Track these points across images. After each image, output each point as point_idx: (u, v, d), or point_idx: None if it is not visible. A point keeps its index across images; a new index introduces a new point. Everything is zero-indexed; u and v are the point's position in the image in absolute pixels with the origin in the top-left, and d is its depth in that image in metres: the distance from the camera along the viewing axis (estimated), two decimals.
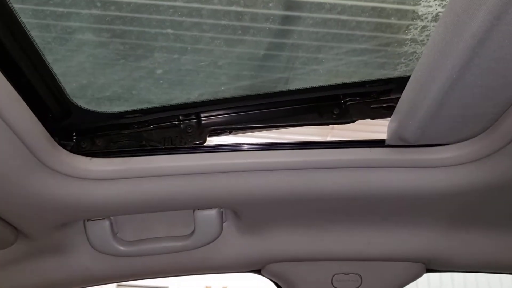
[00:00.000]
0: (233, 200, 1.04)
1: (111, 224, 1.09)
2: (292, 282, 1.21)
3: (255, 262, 1.21)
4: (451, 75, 0.72)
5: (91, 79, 0.95)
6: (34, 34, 0.78)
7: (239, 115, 1.07)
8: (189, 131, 1.06)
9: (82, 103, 0.95)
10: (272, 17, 0.86)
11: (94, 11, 0.81)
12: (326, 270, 1.19)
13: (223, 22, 0.86)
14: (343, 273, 1.19)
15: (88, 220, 1.07)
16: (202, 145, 1.04)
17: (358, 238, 1.16)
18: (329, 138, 5.40)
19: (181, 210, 1.09)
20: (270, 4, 0.84)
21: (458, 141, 0.93)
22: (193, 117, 1.06)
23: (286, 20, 0.88)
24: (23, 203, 0.93)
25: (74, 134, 1.01)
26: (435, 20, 0.85)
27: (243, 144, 1.03)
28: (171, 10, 0.83)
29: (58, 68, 0.86)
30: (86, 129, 1.01)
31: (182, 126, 1.06)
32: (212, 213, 1.09)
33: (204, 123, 1.06)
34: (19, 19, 0.75)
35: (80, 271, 1.15)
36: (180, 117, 1.06)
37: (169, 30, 0.86)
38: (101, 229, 1.08)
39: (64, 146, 0.97)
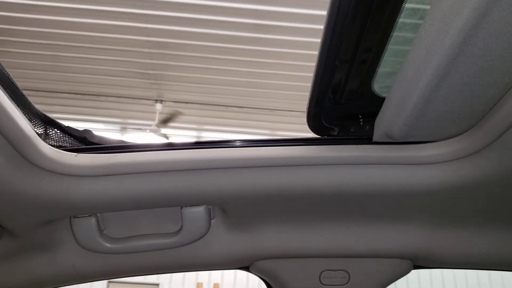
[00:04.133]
0: (221, 197, 1.04)
1: (98, 221, 1.08)
2: (280, 279, 1.21)
3: (243, 259, 1.21)
4: (437, 72, 0.72)
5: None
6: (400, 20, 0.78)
7: None
8: None
9: (376, 88, 0.92)
10: None
11: None
12: (314, 267, 1.19)
13: None
14: (331, 270, 1.19)
15: (74, 217, 1.06)
16: (189, 142, 1.03)
17: (345, 235, 1.16)
18: None
19: (169, 207, 1.08)
20: None
21: (445, 138, 0.93)
22: None
23: None
24: (6, 200, 0.92)
25: (343, 118, 0.99)
26: None
27: (231, 140, 1.02)
28: None
29: (388, 52, 0.84)
30: (360, 114, 0.99)
31: None
32: (200, 210, 1.08)
33: None
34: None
35: (67, 268, 1.14)
36: None
37: None
38: (87, 226, 1.07)
39: (328, 130, 0.97)
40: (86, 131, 1.05)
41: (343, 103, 0.95)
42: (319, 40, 0.82)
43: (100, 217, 1.09)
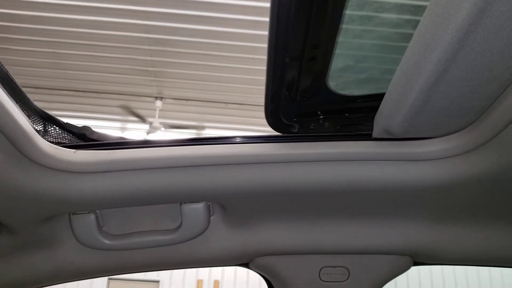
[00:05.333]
0: (220, 193, 1.04)
1: (97, 218, 1.07)
2: (279, 275, 1.21)
3: (243, 256, 1.21)
4: (437, 68, 0.72)
5: (360, 60, 0.91)
6: (348, 12, 0.75)
7: None
8: None
9: (332, 84, 0.91)
10: None
11: None
12: (313, 263, 1.19)
13: None
14: (330, 266, 1.19)
15: (73, 214, 1.06)
16: (189, 138, 1.03)
17: (345, 232, 1.16)
18: None
19: (168, 203, 1.08)
20: None
21: (445, 135, 0.93)
22: None
23: None
24: (5, 196, 0.92)
25: (302, 115, 0.98)
26: None
27: (230, 137, 1.02)
28: None
29: (339, 48, 0.83)
30: (319, 110, 0.98)
31: None
32: (199, 206, 1.08)
33: None
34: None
35: (66, 265, 1.14)
36: None
37: None
38: (86, 223, 1.06)
39: (288, 127, 0.95)
40: (85, 127, 1.04)
41: (299, 100, 0.93)
42: None
43: (100, 213, 1.09)
